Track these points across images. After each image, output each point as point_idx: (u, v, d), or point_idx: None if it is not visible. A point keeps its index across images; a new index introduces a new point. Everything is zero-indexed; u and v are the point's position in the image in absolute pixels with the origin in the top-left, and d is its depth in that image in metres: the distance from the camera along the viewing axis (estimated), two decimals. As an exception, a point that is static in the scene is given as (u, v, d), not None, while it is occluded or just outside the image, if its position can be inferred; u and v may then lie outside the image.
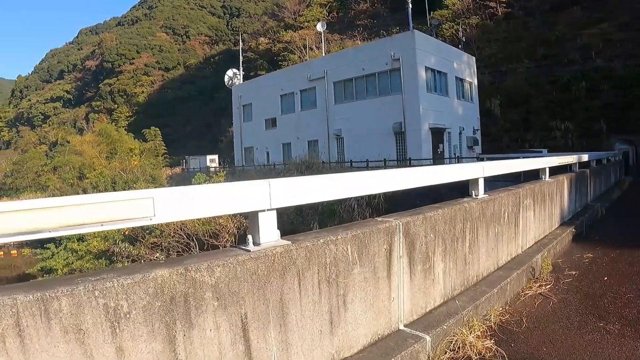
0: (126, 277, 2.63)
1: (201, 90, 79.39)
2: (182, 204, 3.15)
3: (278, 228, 3.67)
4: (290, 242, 3.57)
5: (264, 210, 3.57)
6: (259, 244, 3.49)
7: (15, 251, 55.59)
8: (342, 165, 32.65)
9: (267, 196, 3.54)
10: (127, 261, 21.48)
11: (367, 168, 28.38)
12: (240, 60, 54.20)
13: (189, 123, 75.69)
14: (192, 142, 70.87)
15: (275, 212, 3.66)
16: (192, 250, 19.40)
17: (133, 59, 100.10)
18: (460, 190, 6.71)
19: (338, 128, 36.43)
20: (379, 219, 4.74)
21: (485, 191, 6.75)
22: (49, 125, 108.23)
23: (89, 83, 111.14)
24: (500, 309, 5.65)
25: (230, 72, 54.11)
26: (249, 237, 3.51)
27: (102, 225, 2.73)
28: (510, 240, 7.21)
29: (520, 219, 7.68)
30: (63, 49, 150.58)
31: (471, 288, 5.73)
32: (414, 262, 4.73)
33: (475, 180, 6.55)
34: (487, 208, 6.38)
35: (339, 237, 3.91)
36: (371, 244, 4.21)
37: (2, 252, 59.22)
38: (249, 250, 3.36)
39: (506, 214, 7.04)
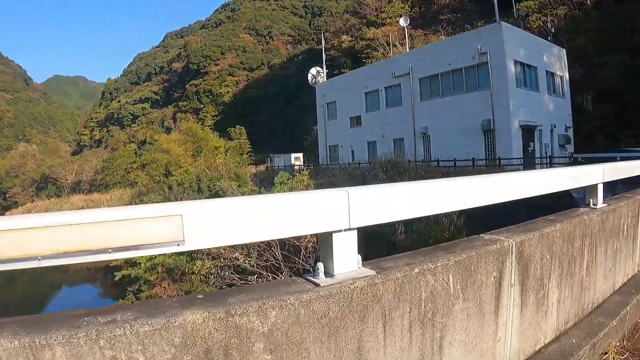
0: (144, 322, 2.12)
1: (285, 89, 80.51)
2: (224, 223, 2.49)
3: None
4: (374, 273, 2.90)
5: (339, 231, 2.88)
6: (333, 274, 2.85)
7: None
8: (428, 164, 31.63)
9: (344, 211, 2.85)
10: (207, 259, 19.62)
11: (454, 168, 28.40)
12: (323, 59, 54.57)
13: (273, 121, 76.91)
14: (277, 141, 71.77)
15: (355, 232, 2.96)
16: (273, 250, 17.87)
17: (218, 60, 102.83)
18: (553, 197, 5.28)
19: (424, 126, 35.91)
20: (486, 236, 3.96)
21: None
22: (138, 124, 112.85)
23: (175, 84, 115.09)
24: (618, 344, 4.76)
25: (313, 70, 54.46)
26: (319, 266, 2.86)
27: (109, 252, 2.20)
28: (627, 258, 6.25)
29: (639, 231, 6.65)
30: (150, 53, 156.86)
31: (585, 319, 4.89)
32: (526, 291, 3.92)
33: (594, 187, 5.62)
34: (607, 220, 5.47)
35: (438, 264, 3.18)
36: (478, 271, 3.45)
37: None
38: (318, 285, 2.73)
39: (625, 226, 6.06)
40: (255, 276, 16.96)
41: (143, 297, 23.30)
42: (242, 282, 17.04)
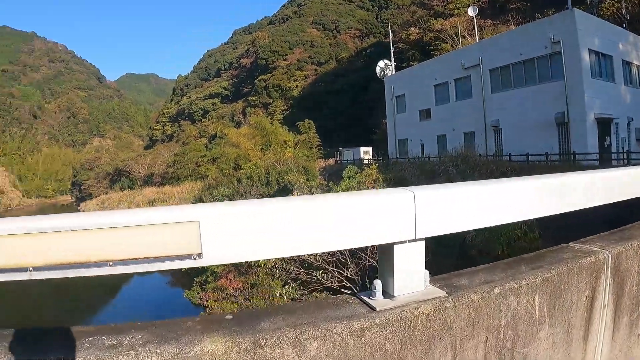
0: (152, 350, 1.83)
1: (354, 82, 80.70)
2: (254, 232, 2.10)
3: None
4: (444, 294, 2.43)
5: (402, 242, 2.42)
6: (393, 295, 2.40)
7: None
8: (499, 159, 30.94)
9: (409, 217, 2.39)
10: None
11: (527, 163, 27.81)
12: (391, 52, 54.23)
13: (342, 115, 77.31)
14: (346, 134, 72.12)
15: (422, 244, 2.50)
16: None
17: (286, 55, 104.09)
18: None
19: (495, 119, 35.38)
20: (576, 246, 3.35)
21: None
22: (208, 119, 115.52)
23: (244, 79, 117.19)
24: None
25: (382, 63, 54.25)
26: (377, 284, 2.42)
27: (110, 265, 1.93)
28: None
29: None
30: (219, 49, 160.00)
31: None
32: (619, 312, 3.26)
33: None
34: None
35: (523, 283, 2.65)
36: (568, 290, 2.89)
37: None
38: (374, 309, 2.29)
39: None
40: (320, 272, 17.05)
41: (209, 288, 23.72)
42: (307, 276, 17.45)
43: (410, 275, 2.43)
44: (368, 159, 51.11)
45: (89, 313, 43.28)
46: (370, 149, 57.37)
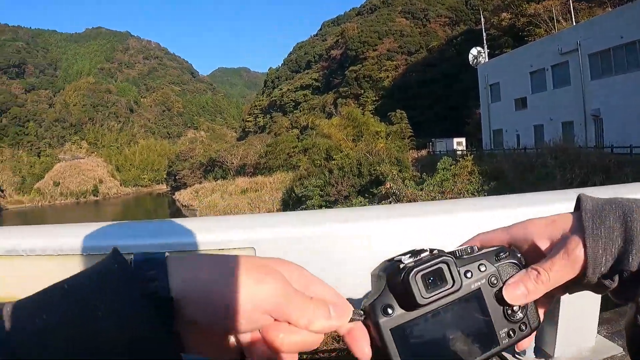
0: None
1: (445, 71, 79.73)
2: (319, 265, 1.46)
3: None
4: (621, 352, 1.83)
5: None
6: (552, 356, 1.78)
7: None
8: (600, 151, 28.91)
9: None
10: None
11: (630, 156, 26.28)
12: (484, 38, 53.19)
13: (435, 105, 76.82)
14: (438, 125, 71.58)
15: None
16: None
17: (375, 45, 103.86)
18: None
19: (596, 107, 33.56)
20: None
21: None
22: (300, 111, 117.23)
23: (335, 71, 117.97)
24: None
25: (474, 51, 53.21)
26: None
27: None
28: None
29: None
30: (309, 42, 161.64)
31: None
32: None
33: None
34: None
35: None
36: None
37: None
38: None
39: None
40: None
41: None
42: None
43: (579, 324, 1.79)
44: (461, 150, 50.05)
45: None
46: (463, 139, 56.25)
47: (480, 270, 0.63)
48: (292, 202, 50.03)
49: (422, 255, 0.60)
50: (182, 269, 0.59)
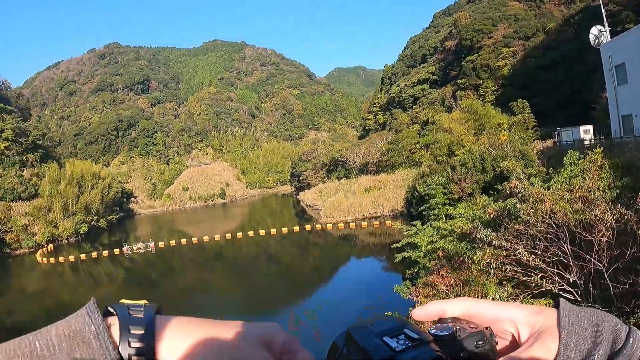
0: None
1: (565, 54, 76.51)
2: None
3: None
4: None
5: None
6: None
7: (390, 222, 62.89)
8: None
9: None
10: (488, 249, 17.86)
11: None
12: (603, 15, 49.76)
13: (556, 91, 73.84)
14: (563, 112, 69.05)
15: None
16: (561, 243, 15.81)
17: (490, 32, 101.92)
18: None
19: None
20: None
21: None
22: (419, 106, 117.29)
23: (451, 62, 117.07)
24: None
25: (594, 30, 49.87)
26: None
27: None
28: None
29: None
30: (422, 35, 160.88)
31: None
32: None
33: None
34: None
35: None
36: None
37: (378, 223, 67.56)
38: None
39: None
40: (539, 275, 16.06)
41: (419, 283, 22.58)
42: (524, 277, 16.38)
43: None
44: (589, 139, 48.26)
45: (307, 288, 47.59)
46: (590, 127, 53.62)
47: None
48: (415, 201, 50.73)
49: (414, 343, 0.55)
50: (171, 332, 0.60)
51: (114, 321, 0.70)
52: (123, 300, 0.82)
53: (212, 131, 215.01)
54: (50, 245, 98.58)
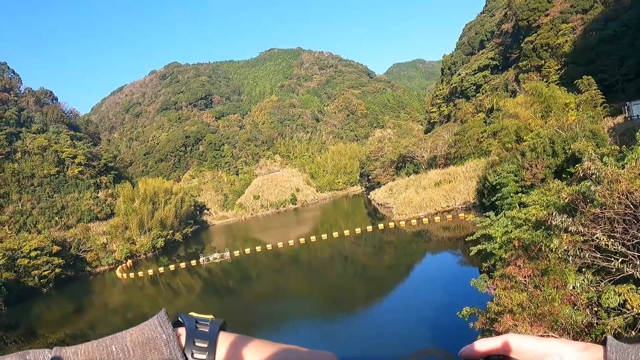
0: None
1: (626, 23, 73.90)
2: None
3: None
4: None
5: None
6: None
7: (464, 215, 62.93)
8: None
9: None
10: (564, 236, 17.24)
11: None
12: None
13: (623, 63, 71.40)
14: (631, 85, 67.10)
15: None
16: None
17: (546, 10, 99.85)
18: None
19: None
20: None
21: None
22: (482, 93, 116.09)
23: (510, 45, 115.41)
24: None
25: None
26: None
27: None
28: None
29: None
30: (477, 21, 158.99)
31: None
32: None
33: None
34: None
35: None
36: None
37: (451, 216, 67.59)
38: None
39: None
40: (620, 260, 15.55)
41: (496, 275, 22.37)
42: (604, 262, 15.93)
43: None
44: None
45: (384, 288, 48.25)
46: None
47: None
48: (486, 192, 50.63)
49: None
50: (231, 350, 0.65)
51: (182, 332, 0.73)
52: (192, 313, 0.80)
53: (278, 138, 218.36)
54: (129, 261, 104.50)
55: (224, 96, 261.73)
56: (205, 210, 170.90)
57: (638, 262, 15.22)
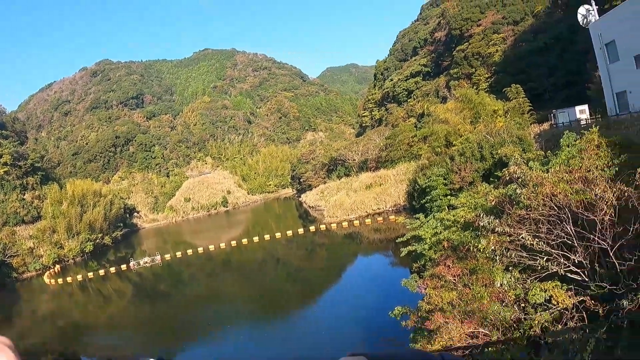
0: None
1: (556, 36, 76.50)
2: None
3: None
4: None
5: None
6: None
7: (394, 217, 63.28)
8: None
9: None
10: (492, 236, 17.85)
11: None
12: None
13: (551, 74, 73.98)
14: (558, 94, 69.51)
15: None
16: (563, 225, 16.31)
17: (479, 20, 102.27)
18: None
19: None
20: None
21: None
22: (414, 99, 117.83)
23: (442, 53, 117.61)
24: None
25: (582, 10, 49.95)
26: None
27: None
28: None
29: None
30: (411, 28, 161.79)
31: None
32: None
33: None
34: None
35: None
36: None
37: (382, 218, 68.06)
38: None
39: None
40: (545, 258, 16.20)
41: (427, 275, 22.59)
42: (530, 261, 16.57)
43: None
44: (585, 119, 48.46)
45: (317, 290, 47.94)
46: (585, 107, 53.35)
47: None
48: (417, 194, 51.03)
49: None
50: None
51: None
52: None
53: (210, 140, 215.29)
54: (57, 267, 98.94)
55: (156, 96, 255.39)
56: (136, 213, 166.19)
57: (562, 260, 16.01)
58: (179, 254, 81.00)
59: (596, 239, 15.00)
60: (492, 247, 17.30)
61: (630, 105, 40.41)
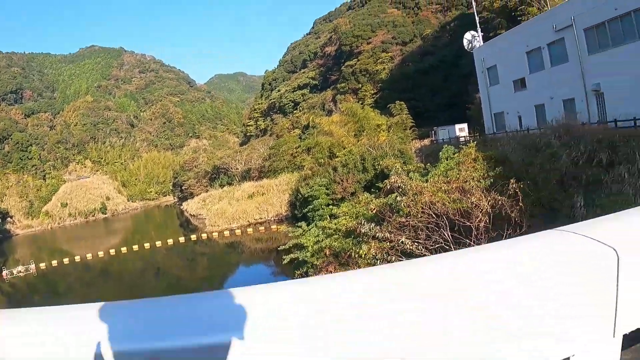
0: None
1: (442, 59, 79.65)
2: None
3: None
4: None
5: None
6: None
7: (276, 227, 62.31)
8: (605, 126, 28.17)
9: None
10: (373, 242, 18.91)
11: (635, 128, 25.66)
12: (477, 21, 52.11)
13: (436, 94, 76.52)
14: (441, 113, 71.51)
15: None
16: (441, 231, 17.70)
17: (369, 38, 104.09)
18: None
19: (596, 82, 32.73)
20: None
21: None
22: (300, 110, 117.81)
23: (331, 67, 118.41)
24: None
25: (468, 35, 52.46)
26: None
27: None
28: None
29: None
30: (302, 41, 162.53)
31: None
32: None
33: None
34: None
35: None
36: None
37: (264, 228, 66.81)
38: None
39: None
40: None
41: None
42: None
43: None
44: (464, 137, 50.18)
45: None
46: (465, 125, 56.03)
47: None
48: (299, 203, 50.37)
49: None
50: None
51: None
52: None
53: (90, 142, 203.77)
54: None
55: (37, 92, 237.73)
56: (8, 219, 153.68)
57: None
58: (54, 262, 75.05)
59: (472, 243, 15.93)
60: (374, 253, 18.50)
61: (507, 125, 41.76)
